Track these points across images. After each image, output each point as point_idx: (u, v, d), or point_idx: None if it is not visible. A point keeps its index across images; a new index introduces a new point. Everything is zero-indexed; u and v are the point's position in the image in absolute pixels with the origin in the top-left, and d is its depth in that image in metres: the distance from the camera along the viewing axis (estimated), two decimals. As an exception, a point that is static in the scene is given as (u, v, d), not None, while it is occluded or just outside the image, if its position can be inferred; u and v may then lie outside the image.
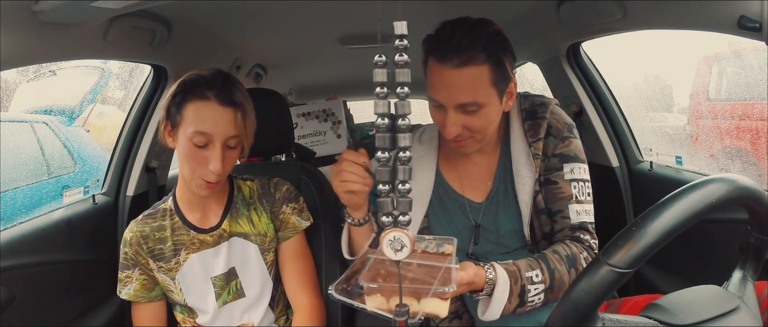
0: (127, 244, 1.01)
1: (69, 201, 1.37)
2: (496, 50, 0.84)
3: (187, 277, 1.02)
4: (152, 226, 1.02)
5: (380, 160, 0.56)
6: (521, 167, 0.95)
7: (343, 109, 2.10)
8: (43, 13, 0.81)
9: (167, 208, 1.04)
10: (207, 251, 1.02)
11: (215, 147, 0.90)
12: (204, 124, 0.89)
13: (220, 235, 1.02)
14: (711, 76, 2.90)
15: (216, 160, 0.89)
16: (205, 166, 0.91)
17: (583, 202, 0.93)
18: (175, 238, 1.01)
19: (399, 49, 0.51)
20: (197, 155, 0.91)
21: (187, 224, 1.02)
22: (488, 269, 0.80)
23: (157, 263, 1.01)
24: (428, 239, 0.79)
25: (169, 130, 0.95)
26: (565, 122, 0.97)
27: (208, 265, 1.02)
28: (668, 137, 2.59)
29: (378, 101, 0.53)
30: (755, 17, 0.81)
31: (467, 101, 0.84)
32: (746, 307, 0.59)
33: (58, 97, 2.84)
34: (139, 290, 1.02)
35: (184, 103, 0.90)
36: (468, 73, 0.83)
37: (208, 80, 0.91)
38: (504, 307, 0.80)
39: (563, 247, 0.89)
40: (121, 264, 1.02)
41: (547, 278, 0.83)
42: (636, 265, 0.50)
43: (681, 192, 0.52)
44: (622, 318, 0.56)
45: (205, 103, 0.90)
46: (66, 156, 2.63)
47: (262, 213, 1.06)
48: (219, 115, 0.90)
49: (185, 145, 0.91)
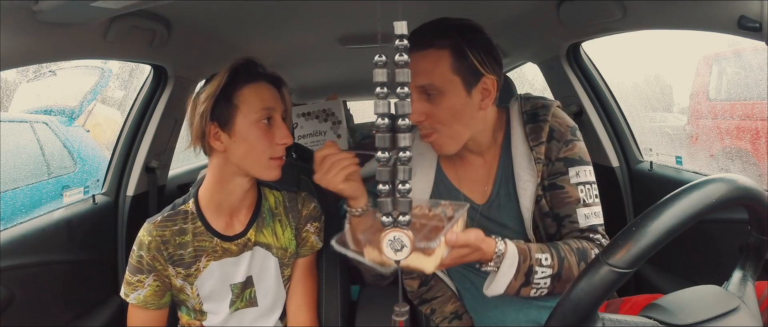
0: (144, 248, 0.95)
1: (69, 201, 1.37)
2: (461, 40, 0.86)
3: (206, 283, 0.99)
4: (173, 229, 0.97)
5: (380, 160, 0.56)
6: (522, 172, 0.94)
7: (343, 109, 2.09)
8: (43, 13, 0.81)
9: (189, 211, 0.99)
10: (228, 259, 0.99)
11: (277, 121, 0.95)
12: (266, 101, 0.93)
13: (244, 244, 1.00)
14: (711, 76, 2.90)
15: (282, 128, 0.94)
16: (273, 143, 0.93)
17: (591, 205, 0.93)
18: (196, 243, 0.97)
19: (399, 49, 0.51)
20: (265, 135, 0.93)
21: (211, 231, 0.98)
22: (499, 242, 0.80)
23: (176, 269, 0.97)
24: (444, 204, 0.81)
25: (215, 132, 0.92)
26: (567, 125, 0.96)
27: (228, 273, 1.00)
28: (668, 137, 2.59)
29: (378, 101, 0.53)
30: (755, 17, 0.81)
31: (424, 83, 0.86)
32: (746, 307, 0.59)
33: (58, 97, 2.84)
34: (149, 296, 0.97)
35: (235, 91, 0.92)
36: (427, 56, 0.86)
37: (253, 64, 0.95)
38: (509, 282, 0.80)
39: (575, 241, 0.88)
40: (134, 267, 0.96)
41: (555, 264, 0.83)
42: (636, 265, 0.50)
43: (681, 192, 0.52)
44: (622, 318, 0.56)
45: (260, 85, 0.94)
46: (66, 156, 2.63)
47: (287, 227, 1.05)
48: (274, 93, 0.95)
49: (249, 130, 0.91)
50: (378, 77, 0.52)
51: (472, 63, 0.86)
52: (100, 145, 2.84)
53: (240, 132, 0.91)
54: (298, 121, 2.08)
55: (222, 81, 0.90)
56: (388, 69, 0.52)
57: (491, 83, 0.90)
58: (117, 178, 1.52)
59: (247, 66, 0.93)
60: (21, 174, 2.33)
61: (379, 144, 0.55)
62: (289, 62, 2.25)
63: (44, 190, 2.38)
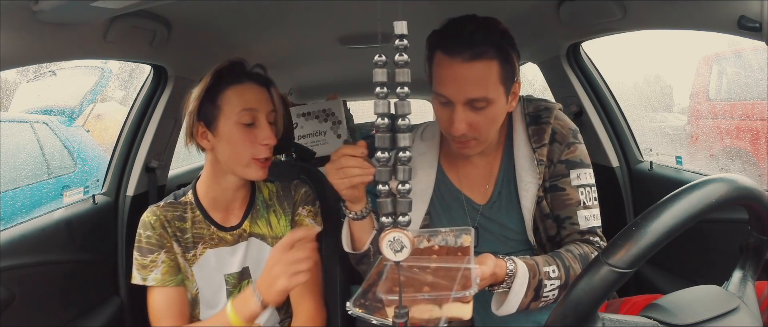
0: (149, 227, 0.98)
1: (69, 201, 1.37)
2: (505, 46, 0.84)
3: (203, 269, 1.02)
4: (174, 214, 1.00)
5: (380, 160, 0.56)
6: (524, 173, 0.95)
7: (343, 109, 2.09)
8: (43, 13, 0.81)
9: (188, 202, 1.02)
10: (224, 248, 1.02)
11: (261, 121, 0.95)
12: (248, 103, 0.94)
13: (240, 235, 1.03)
14: (711, 76, 2.90)
15: (265, 129, 0.94)
16: (255, 144, 0.94)
17: (591, 207, 0.94)
18: (194, 230, 1.01)
19: (399, 49, 0.51)
20: (247, 136, 0.93)
21: (208, 219, 1.01)
22: (508, 261, 0.79)
23: (180, 248, 1.00)
24: (445, 232, 0.78)
25: (202, 131, 0.95)
26: (569, 128, 0.97)
27: (223, 262, 1.02)
28: (668, 137, 2.59)
29: (378, 101, 0.53)
30: (755, 17, 0.81)
31: (477, 96, 0.83)
32: (746, 307, 0.59)
33: (58, 97, 2.84)
34: (166, 273, 0.97)
35: (219, 93, 0.94)
36: (479, 67, 0.82)
37: (238, 66, 0.96)
38: (521, 300, 0.80)
39: (576, 247, 0.89)
40: (143, 249, 0.97)
41: (562, 275, 0.83)
42: (636, 265, 0.50)
43: (681, 192, 0.52)
44: (622, 318, 0.56)
45: (243, 86, 0.95)
46: (66, 156, 2.63)
47: (281, 216, 1.07)
48: (258, 93, 0.96)
49: (231, 130, 0.93)
50: (378, 77, 0.52)
51: (513, 68, 0.86)
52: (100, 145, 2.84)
53: (223, 132, 0.94)
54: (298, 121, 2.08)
55: (207, 83, 0.94)
56: (388, 69, 0.52)
57: (518, 86, 0.91)
58: (117, 178, 1.52)
59: (231, 67, 0.96)
60: (21, 174, 2.34)
61: (379, 144, 0.55)
62: (289, 62, 2.25)
63: (44, 190, 2.38)
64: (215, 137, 0.95)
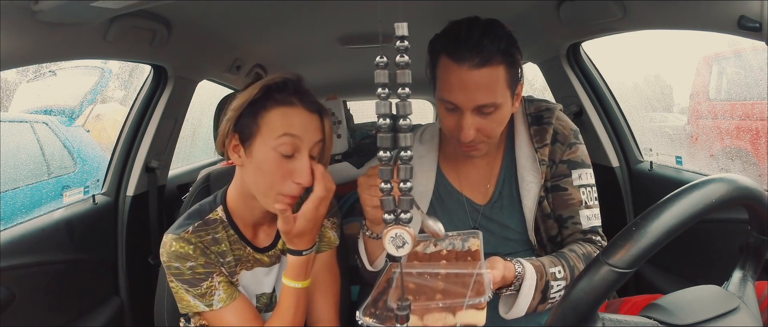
0: (190, 259, 0.86)
1: (69, 201, 1.38)
2: (511, 50, 0.84)
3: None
4: (206, 239, 0.89)
5: (382, 160, 0.56)
6: (527, 173, 0.95)
7: (343, 109, 2.09)
8: (43, 13, 0.81)
9: (219, 219, 0.92)
10: (260, 269, 0.96)
11: (303, 155, 0.83)
12: (292, 128, 0.82)
13: (276, 256, 0.97)
14: (711, 76, 2.90)
15: (304, 170, 0.82)
16: (288, 180, 0.82)
17: (592, 207, 0.94)
18: (234, 251, 0.92)
19: (400, 50, 0.51)
20: (282, 168, 0.82)
21: (244, 240, 0.93)
22: (516, 263, 0.79)
23: (223, 269, 0.92)
24: (452, 235, 0.77)
25: (235, 144, 0.84)
26: (571, 128, 0.97)
27: (258, 282, 0.97)
28: (668, 137, 2.59)
29: (379, 102, 0.53)
30: (755, 17, 0.81)
31: (486, 103, 0.82)
32: (746, 307, 0.59)
33: (58, 97, 2.84)
34: (227, 290, 0.89)
35: (264, 109, 0.82)
36: (487, 74, 0.81)
37: (292, 85, 0.84)
38: (529, 302, 0.79)
39: (579, 246, 0.89)
40: (193, 280, 0.86)
41: (567, 275, 0.83)
42: (636, 265, 0.50)
43: (681, 192, 0.52)
44: (622, 318, 0.56)
45: (292, 109, 0.83)
46: (66, 156, 2.63)
47: None
48: (307, 121, 0.83)
49: (268, 156, 0.82)
50: (379, 78, 0.52)
51: (518, 71, 0.86)
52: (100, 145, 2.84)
53: (256, 155, 0.83)
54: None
55: (252, 95, 0.82)
56: (389, 70, 0.52)
57: (521, 87, 0.91)
58: (117, 178, 1.52)
59: (282, 85, 0.84)
60: (21, 174, 2.33)
61: (381, 144, 0.55)
62: (289, 62, 2.25)
63: (44, 190, 2.38)
64: (247, 156, 0.84)
